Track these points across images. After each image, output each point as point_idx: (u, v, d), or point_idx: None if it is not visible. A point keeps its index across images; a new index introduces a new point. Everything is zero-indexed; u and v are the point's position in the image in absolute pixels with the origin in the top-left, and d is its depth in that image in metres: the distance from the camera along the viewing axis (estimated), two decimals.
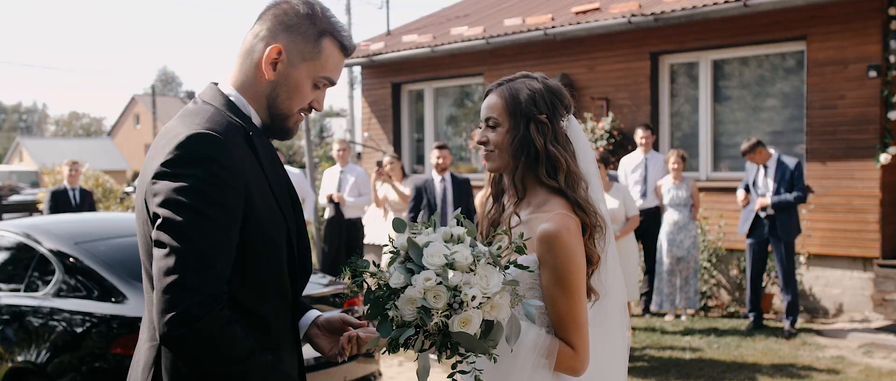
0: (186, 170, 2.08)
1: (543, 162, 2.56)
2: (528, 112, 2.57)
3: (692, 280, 9.67)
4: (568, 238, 2.45)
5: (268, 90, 2.32)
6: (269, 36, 2.31)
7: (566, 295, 2.45)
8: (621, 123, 11.49)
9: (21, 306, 5.54)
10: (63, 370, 5.13)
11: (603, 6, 11.75)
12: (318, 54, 2.33)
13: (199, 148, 2.11)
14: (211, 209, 2.07)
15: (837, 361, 7.96)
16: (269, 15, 2.34)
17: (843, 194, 9.72)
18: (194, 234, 2.05)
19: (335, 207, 10.81)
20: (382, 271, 2.22)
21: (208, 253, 2.06)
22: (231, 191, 2.11)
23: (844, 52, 9.65)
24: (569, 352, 2.45)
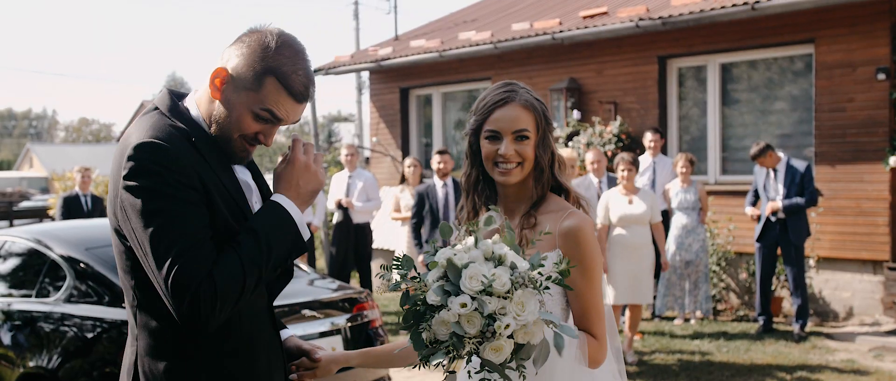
0: (141, 180, 2.20)
1: (556, 164, 2.67)
2: (548, 121, 2.66)
3: (702, 284, 9.64)
4: (590, 232, 2.56)
5: (213, 109, 2.38)
6: (226, 57, 2.37)
7: (590, 286, 2.53)
8: (629, 127, 11.47)
9: (32, 311, 5.55)
10: (74, 375, 5.14)
11: (611, 10, 11.73)
12: (258, 88, 2.33)
13: (146, 156, 2.21)
14: (173, 205, 2.19)
15: (847, 364, 7.92)
16: (241, 38, 2.39)
17: (853, 197, 9.68)
18: (168, 230, 2.17)
19: (344, 212, 10.80)
20: (423, 280, 2.21)
21: (185, 242, 2.18)
22: (185, 187, 2.22)
23: (853, 55, 9.61)
24: (594, 343, 2.51)
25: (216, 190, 2.30)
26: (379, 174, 14.38)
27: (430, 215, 8.81)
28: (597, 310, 2.55)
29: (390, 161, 14.62)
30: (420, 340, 2.18)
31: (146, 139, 2.23)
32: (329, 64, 14.94)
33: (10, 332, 5.58)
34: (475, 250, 2.22)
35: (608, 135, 11.42)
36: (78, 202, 11.09)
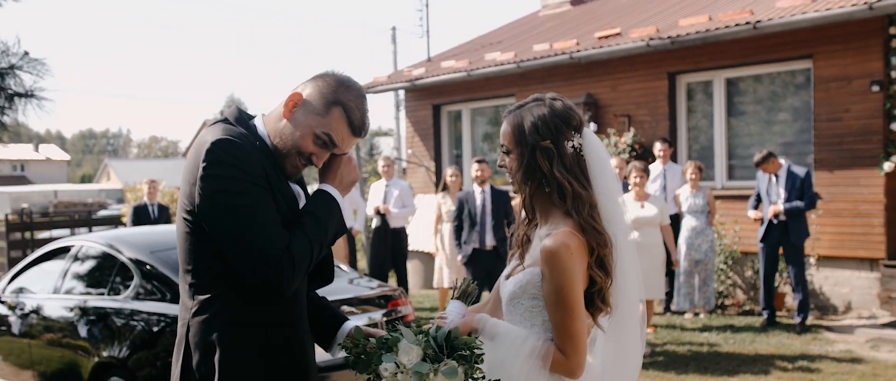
0: (221, 170, 2.30)
1: (553, 186, 2.49)
2: (532, 140, 2.50)
3: (710, 282, 9.57)
4: (566, 256, 2.39)
5: (281, 127, 2.48)
6: (302, 87, 2.51)
7: (560, 308, 2.42)
8: (642, 138, 11.42)
9: (105, 307, 5.64)
10: (141, 365, 5.23)
11: (624, 31, 11.70)
12: (325, 115, 2.45)
13: (222, 150, 2.32)
14: (253, 190, 2.31)
15: (845, 354, 7.81)
16: (319, 76, 2.53)
17: (850, 199, 9.56)
18: (252, 212, 2.29)
19: (381, 217, 10.84)
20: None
21: (267, 222, 2.31)
22: (257, 178, 2.33)
23: (848, 69, 9.50)
24: (560, 358, 2.44)
25: (276, 188, 2.40)
26: (414, 183, 14.44)
27: (468, 218, 8.85)
28: (566, 331, 2.43)
29: (425, 171, 14.65)
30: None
31: (222, 137, 2.34)
32: (368, 84, 15.01)
33: (86, 326, 5.67)
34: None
35: (622, 145, 11.39)
36: (146, 211, 11.24)
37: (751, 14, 10.06)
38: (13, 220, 14.48)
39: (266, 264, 2.27)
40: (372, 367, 2.35)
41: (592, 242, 2.44)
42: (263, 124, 2.51)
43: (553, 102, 2.54)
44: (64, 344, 5.86)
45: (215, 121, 2.48)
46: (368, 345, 2.41)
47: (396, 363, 2.27)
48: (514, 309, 2.53)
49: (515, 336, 2.44)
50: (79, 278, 6.16)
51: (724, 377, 7.14)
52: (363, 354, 2.39)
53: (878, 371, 7.17)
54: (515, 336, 2.44)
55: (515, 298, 2.52)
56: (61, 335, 5.89)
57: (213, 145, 2.31)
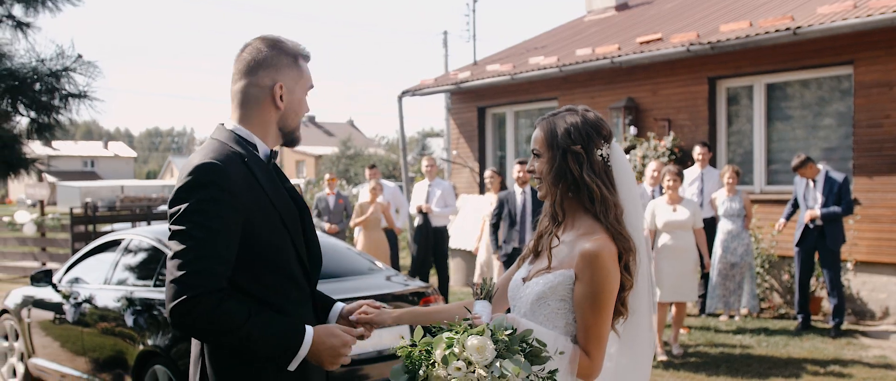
0: (191, 193, 2.30)
1: (583, 190, 2.52)
2: (564, 144, 2.54)
3: (746, 284, 9.42)
4: (608, 260, 2.43)
5: (277, 119, 2.54)
6: (259, 79, 2.49)
7: (595, 311, 2.44)
8: (682, 142, 11.31)
9: (151, 298, 5.80)
10: (182, 355, 5.36)
11: (664, 36, 11.60)
12: (299, 74, 2.54)
13: (201, 174, 2.32)
14: (210, 222, 2.27)
15: (879, 359, 7.66)
16: (247, 61, 2.50)
17: (889, 205, 9.35)
18: (194, 242, 2.25)
19: (424, 216, 10.92)
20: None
21: (205, 257, 2.25)
22: (227, 208, 2.30)
23: (889, 75, 9.31)
24: (585, 360, 2.45)
25: (257, 208, 2.39)
26: (459, 183, 14.50)
27: (508, 217, 8.93)
28: (596, 333, 2.45)
29: (469, 172, 14.71)
30: None
31: (207, 160, 2.34)
32: (415, 87, 15.12)
33: (132, 315, 5.83)
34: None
35: (662, 148, 11.29)
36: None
37: (791, 20, 9.91)
38: (78, 213, 14.91)
39: (180, 293, 2.22)
40: (430, 370, 2.24)
41: (620, 247, 2.48)
42: (243, 128, 2.50)
43: (585, 113, 2.60)
44: (113, 333, 6.04)
45: (207, 139, 2.53)
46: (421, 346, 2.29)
47: (468, 361, 2.20)
48: (538, 310, 2.53)
49: (546, 337, 2.43)
50: (128, 269, 6.34)
51: (754, 379, 7.07)
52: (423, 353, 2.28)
53: None
54: (546, 337, 2.43)
55: (543, 298, 2.52)
56: (110, 324, 6.08)
57: (196, 168, 2.33)
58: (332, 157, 49.29)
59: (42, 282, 6.98)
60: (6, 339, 7.75)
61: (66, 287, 6.80)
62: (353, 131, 69.37)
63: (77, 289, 6.64)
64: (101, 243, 6.99)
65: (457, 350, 2.21)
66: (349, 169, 42.35)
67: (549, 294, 2.51)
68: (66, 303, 6.63)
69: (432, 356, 2.23)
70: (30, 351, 7.22)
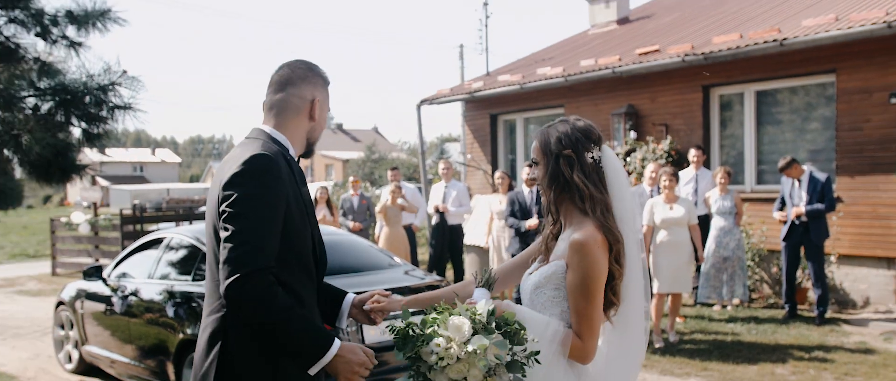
0: (248, 180, 2.33)
1: (574, 190, 2.54)
2: (556, 150, 2.58)
3: (738, 276, 9.40)
4: (594, 247, 2.44)
5: (308, 129, 2.62)
6: (300, 91, 2.58)
7: (585, 297, 2.44)
8: (678, 145, 11.28)
9: (190, 292, 5.87)
10: None
11: (662, 48, 11.58)
12: (327, 96, 2.67)
13: (257, 165, 2.36)
14: (262, 209, 2.31)
15: (859, 345, 7.63)
16: (288, 76, 2.59)
17: (870, 203, 9.30)
18: (249, 224, 2.28)
19: (440, 215, 10.97)
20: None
21: (259, 238, 2.28)
22: (277, 196, 2.35)
23: (869, 83, 9.26)
24: (578, 343, 2.46)
25: (294, 200, 2.43)
26: (473, 185, 14.53)
27: (519, 212, 9.04)
28: (587, 318, 2.45)
29: (483, 174, 14.73)
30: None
31: (259, 152, 2.39)
32: (433, 95, 15.17)
33: (173, 307, 5.92)
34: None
35: (660, 151, 11.27)
36: None
37: (778, 32, 9.87)
38: (127, 214, 15.10)
39: (238, 269, 2.23)
40: (418, 345, 2.27)
41: (609, 238, 2.49)
42: (281, 134, 2.56)
43: (576, 121, 2.63)
44: (156, 323, 6.12)
45: (250, 137, 2.55)
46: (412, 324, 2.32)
47: (447, 337, 2.24)
48: (536, 298, 2.56)
49: (539, 321, 2.47)
50: (169, 265, 6.41)
51: (744, 364, 7.05)
52: (409, 334, 2.31)
53: (888, 362, 6.98)
54: (539, 321, 2.47)
55: (539, 287, 2.55)
56: (154, 315, 6.16)
57: (251, 158, 2.36)
58: (358, 161, 49.42)
59: (93, 277, 7.09)
60: (63, 328, 7.86)
61: (114, 281, 6.89)
62: (377, 137, 69.50)
63: (124, 283, 6.73)
64: (146, 241, 7.07)
65: (439, 329, 2.26)
66: (374, 172, 42.42)
67: (544, 283, 2.54)
68: (114, 296, 6.73)
69: (423, 333, 2.28)
70: (83, 339, 7.33)
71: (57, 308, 7.93)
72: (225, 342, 2.38)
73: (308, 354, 2.32)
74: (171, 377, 5.88)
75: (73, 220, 16.83)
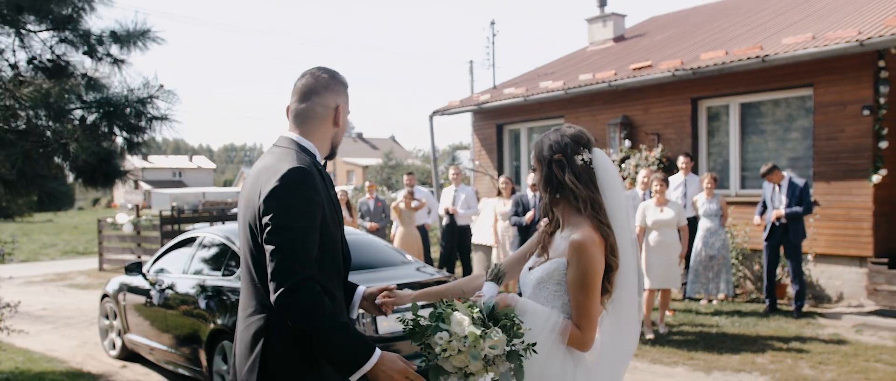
0: (288, 193, 2.26)
1: (568, 191, 2.54)
2: (548, 156, 2.59)
3: (723, 273, 9.39)
4: (592, 247, 2.44)
5: (333, 134, 2.55)
6: (324, 100, 2.49)
7: (583, 291, 2.45)
8: (669, 153, 11.29)
9: (221, 286, 5.95)
10: None
11: (654, 63, 11.59)
12: (347, 100, 2.57)
13: (296, 179, 2.28)
14: (303, 220, 2.26)
15: (833, 336, 7.62)
16: (312, 85, 2.50)
17: (844, 206, 9.26)
18: (294, 236, 2.23)
19: (450, 217, 11.01)
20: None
21: (303, 248, 2.23)
22: (315, 206, 2.30)
23: (844, 96, 9.23)
24: (577, 333, 2.46)
25: (328, 207, 2.38)
26: (481, 189, 14.56)
27: (523, 212, 9.15)
28: (586, 310, 2.46)
29: (490, 179, 14.76)
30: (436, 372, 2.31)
31: (296, 165, 2.30)
32: (444, 107, 15.22)
33: (205, 299, 6.00)
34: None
35: (652, 158, 11.28)
36: None
37: (761, 49, 9.86)
38: (166, 215, 15.24)
39: (287, 278, 2.19)
40: (426, 336, 2.27)
41: (603, 234, 2.48)
42: (310, 142, 2.48)
43: (566, 130, 2.64)
44: (190, 314, 6.18)
45: (281, 146, 2.46)
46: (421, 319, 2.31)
47: (449, 331, 2.23)
48: (539, 292, 2.56)
49: (541, 313, 2.48)
50: (202, 261, 6.48)
51: (727, 354, 7.06)
52: (418, 326, 2.29)
53: (858, 352, 6.97)
54: (541, 313, 2.48)
55: (542, 282, 2.55)
56: (188, 307, 6.23)
57: (289, 171, 2.27)
58: (376, 167, 49.52)
59: (134, 272, 7.18)
60: (107, 318, 7.96)
61: (153, 276, 6.98)
62: (394, 145, 69.60)
63: (162, 278, 6.82)
64: (181, 239, 7.15)
65: (441, 324, 2.27)
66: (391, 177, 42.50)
67: (546, 279, 2.55)
68: (152, 289, 6.81)
69: (430, 324, 2.28)
70: (126, 328, 7.41)
71: (102, 300, 8.03)
72: (267, 341, 2.33)
73: (350, 361, 2.25)
74: (203, 363, 5.96)
75: (118, 220, 17.00)
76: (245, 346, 2.38)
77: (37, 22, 6.30)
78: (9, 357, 7.56)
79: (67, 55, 6.33)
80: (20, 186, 5.33)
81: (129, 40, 6.24)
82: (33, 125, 5.66)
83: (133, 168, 6.98)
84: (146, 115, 5.39)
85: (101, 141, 5.77)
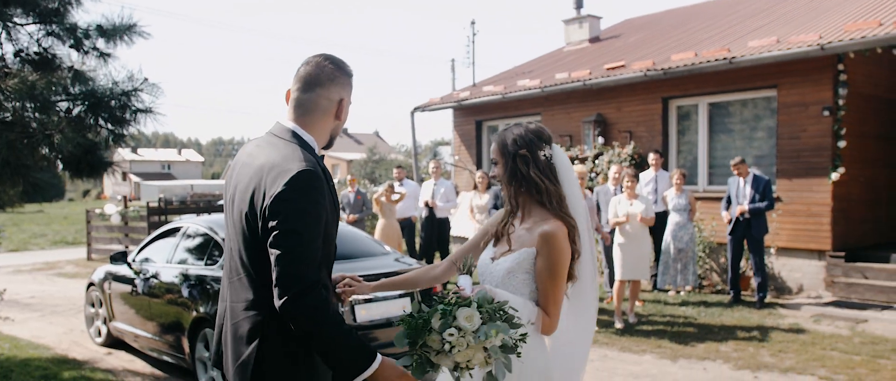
0: (297, 197, 2.13)
1: (532, 184, 2.55)
2: (513, 150, 2.58)
3: (691, 266, 9.47)
4: (561, 238, 2.47)
5: (333, 127, 2.40)
6: (328, 93, 2.34)
7: (552, 279, 2.48)
8: (640, 149, 11.34)
9: (203, 275, 5.88)
10: None
11: (627, 64, 11.63)
12: (350, 90, 2.41)
13: (305, 182, 2.15)
14: (311, 225, 2.14)
15: (793, 326, 7.71)
16: (316, 75, 2.34)
17: (804, 202, 9.37)
18: (301, 240, 2.10)
19: (430, 210, 10.99)
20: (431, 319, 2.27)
21: (309, 253, 2.12)
22: (322, 209, 2.18)
23: (805, 98, 9.32)
24: (546, 319, 2.50)
25: (330, 206, 2.26)
26: (460, 183, 14.56)
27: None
28: (553, 297, 2.50)
29: (469, 173, 14.75)
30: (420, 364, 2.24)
31: (304, 167, 2.16)
32: (425, 103, 15.18)
33: (188, 288, 5.93)
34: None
35: (624, 155, 11.33)
36: None
37: (728, 51, 9.93)
38: (153, 206, 15.09)
39: (294, 283, 2.08)
40: (429, 333, 2.19)
41: (569, 225, 2.51)
42: (310, 134, 2.34)
43: (528, 125, 2.64)
44: (174, 302, 6.11)
45: (283, 138, 2.31)
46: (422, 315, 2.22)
47: (458, 327, 2.17)
48: (509, 281, 2.56)
49: (519, 303, 2.48)
50: (185, 251, 6.40)
51: (693, 343, 7.12)
52: (423, 323, 2.21)
53: (815, 340, 7.06)
54: (519, 303, 2.48)
55: (512, 272, 2.55)
56: (172, 295, 6.16)
57: (298, 173, 2.14)
58: (360, 161, 49.41)
59: (119, 261, 7.08)
60: (93, 306, 7.87)
61: (137, 265, 6.89)
62: (378, 140, 69.44)
63: (146, 267, 6.74)
64: (166, 229, 7.07)
65: (450, 320, 2.21)
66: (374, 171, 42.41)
67: (516, 269, 2.54)
68: (137, 278, 6.73)
69: (430, 324, 2.21)
70: (111, 316, 7.33)
71: (88, 289, 7.94)
72: (264, 340, 2.21)
73: (353, 367, 2.15)
74: (186, 349, 5.90)
75: (106, 211, 16.81)
76: (237, 340, 2.25)
77: (24, 15, 6.20)
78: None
79: (54, 48, 6.23)
80: (4, 176, 5.24)
81: (115, 34, 6.16)
82: (19, 117, 5.57)
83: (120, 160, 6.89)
84: (130, 107, 5.32)
85: (86, 132, 5.70)
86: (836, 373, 6.01)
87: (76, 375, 6.35)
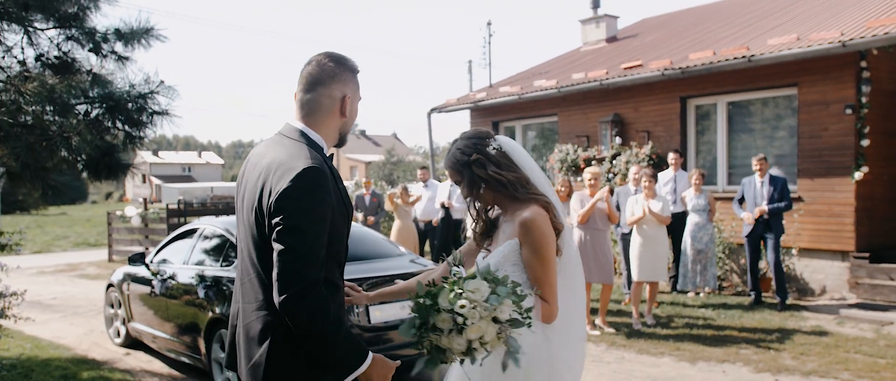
0: (301, 195, 2.12)
1: (496, 183, 2.55)
2: (466, 160, 2.58)
3: (710, 267, 9.34)
4: (540, 222, 2.46)
5: (341, 124, 2.39)
6: (330, 91, 2.33)
7: (541, 264, 2.46)
8: (658, 149, 11.23)
9: (220, 276, 5.89)
10: None
11: (644, 63, 11.53)
12: (357, 86, 2.39)
13: (310, 180, 2.14)
14: (315, 223, 2.12)
15: (815, 328, 7.57)
16: (317, 74, 2.34)
17: (827, 202, 9.21)
18: (304, 238, 2.09)
19: (446, 211, 10.96)
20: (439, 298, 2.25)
21: (312, 251, 2.10)
22: (327, 207, 2.16)
23: (827, 96, 9.16)
24: (545, 305, 2.47)
25: (337, 204, 2.24)
26: None
27: None
28: (547, 282, 2.47)
29: None
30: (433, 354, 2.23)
31: (310, 164, 2.15)
32: (442, 104, 15.16)
33: (204, 289, 5.94)
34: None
35: (642, 155, 11.23)
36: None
37: (747, 50, 9.80)
38: (172, 208, 15.20)
39: (294, 282, 2.07)
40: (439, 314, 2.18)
41: (543, 204, 2.51)
42: (317, 133, 2.33)
43: (465, 133, 2.67)
44: (191, 303, 6.13)
45: (291, 137, 2.31)
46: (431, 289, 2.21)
47: (469, 299, 2.16)
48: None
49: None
50: (202, 252, 6.43)
51: (712, 345, 7.01)
52: (429, 302, 2.20)
53: (839, 343, 6.93)
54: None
55: (499, 266, 2.52)
56: (189, 296, 6.18)
57: (304, 171, 2.13)
58: (378, 163, 49.52)
59: (137, 262, 7.13)
60: (112, 307, 7.93)
61: (155, 266, 6.93)
62: (396, 142, 69.55)
63: (164, 268, 6.77)
64: (183, 231, 7.11)
65: (458, 294, 2.20)
66: (392, 173, 42.47)
67: (502, 262, 2.52)
68: (155, 279, 6.76)
69: (438, 303, 2.19)
70: (129, 317, 7.38)
71: (107, 290, 7.99)
72: (274, 341, 2.22)
73: (346, 365, 2.18)
74: (202, 350, 5.91)
75: (127, 213, 16.96)
76: (249, 341, 2.26)
77: (43, 20, 6.25)
78: (17, 344, 7.52)
79: (73, 52, 6.28)
80: (24, 179, 5.28)
81: (132, 38, 6.19)
82: (39, 120, 5.61)
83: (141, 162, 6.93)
84: (147, 110, 5.33)
85: (104, 135, 5.73)
86: (860, 376, 5.88)
87: (95, 375, 6.39)
